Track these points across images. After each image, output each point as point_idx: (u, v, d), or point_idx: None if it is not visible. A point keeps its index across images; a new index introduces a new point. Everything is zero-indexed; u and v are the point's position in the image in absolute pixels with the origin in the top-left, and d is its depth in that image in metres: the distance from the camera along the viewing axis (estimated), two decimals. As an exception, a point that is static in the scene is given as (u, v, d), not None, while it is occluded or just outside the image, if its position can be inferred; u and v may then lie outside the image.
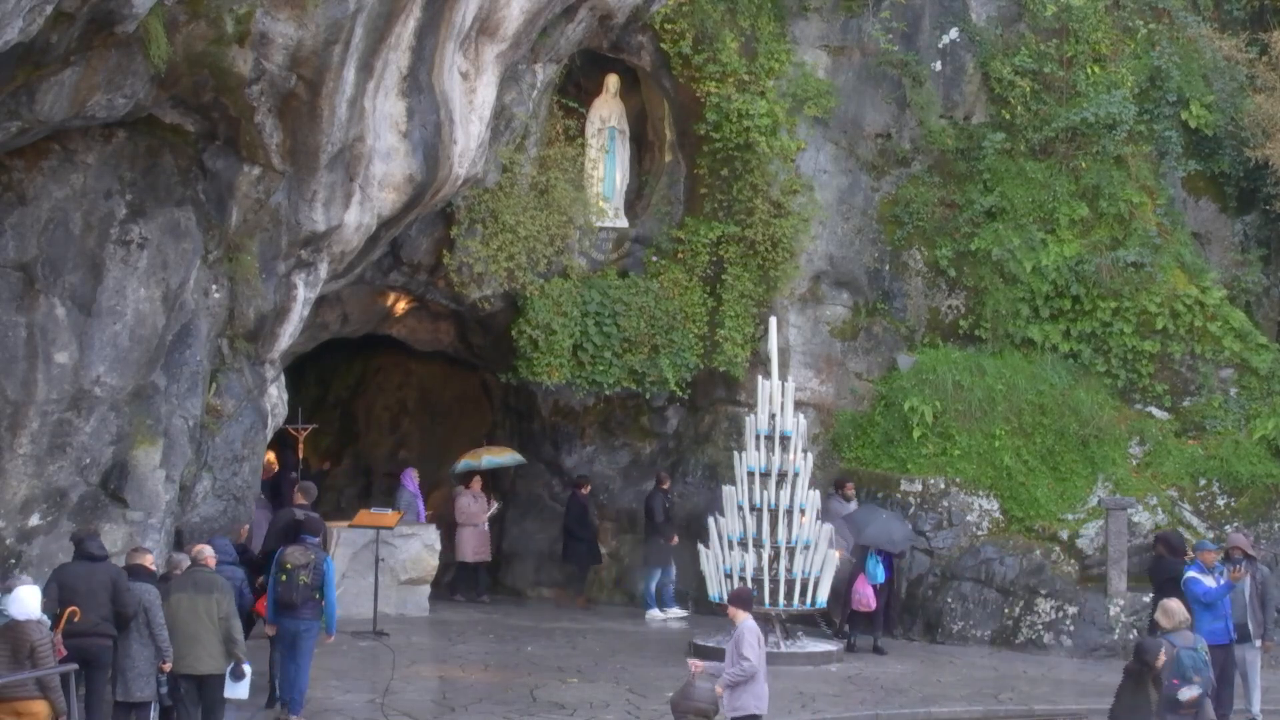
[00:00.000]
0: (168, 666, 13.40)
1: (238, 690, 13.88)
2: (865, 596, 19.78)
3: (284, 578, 14.84)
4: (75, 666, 12.32)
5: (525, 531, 23.61)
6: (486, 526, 22.63)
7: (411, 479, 22.26)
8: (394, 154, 16.73)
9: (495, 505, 22.78)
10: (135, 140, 15.16)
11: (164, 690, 13.73)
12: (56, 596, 12.86)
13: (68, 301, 14.76)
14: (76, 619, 12.77)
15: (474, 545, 22.45)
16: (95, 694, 13.24)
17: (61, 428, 14.63)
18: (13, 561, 14.18)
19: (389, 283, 21.16)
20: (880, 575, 19.86)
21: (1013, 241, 22.71)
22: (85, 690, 13.07)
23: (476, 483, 22.61)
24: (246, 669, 13.79)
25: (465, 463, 22.50)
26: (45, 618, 12.18)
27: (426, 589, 21.16)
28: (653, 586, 21.77)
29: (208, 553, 14.03)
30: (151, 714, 13.60)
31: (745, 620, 13.04)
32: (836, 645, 19.46)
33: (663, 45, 22.03)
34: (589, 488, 22.59)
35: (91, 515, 14.63)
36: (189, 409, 15.35)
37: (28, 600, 12.05)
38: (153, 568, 13.78)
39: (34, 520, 14.43)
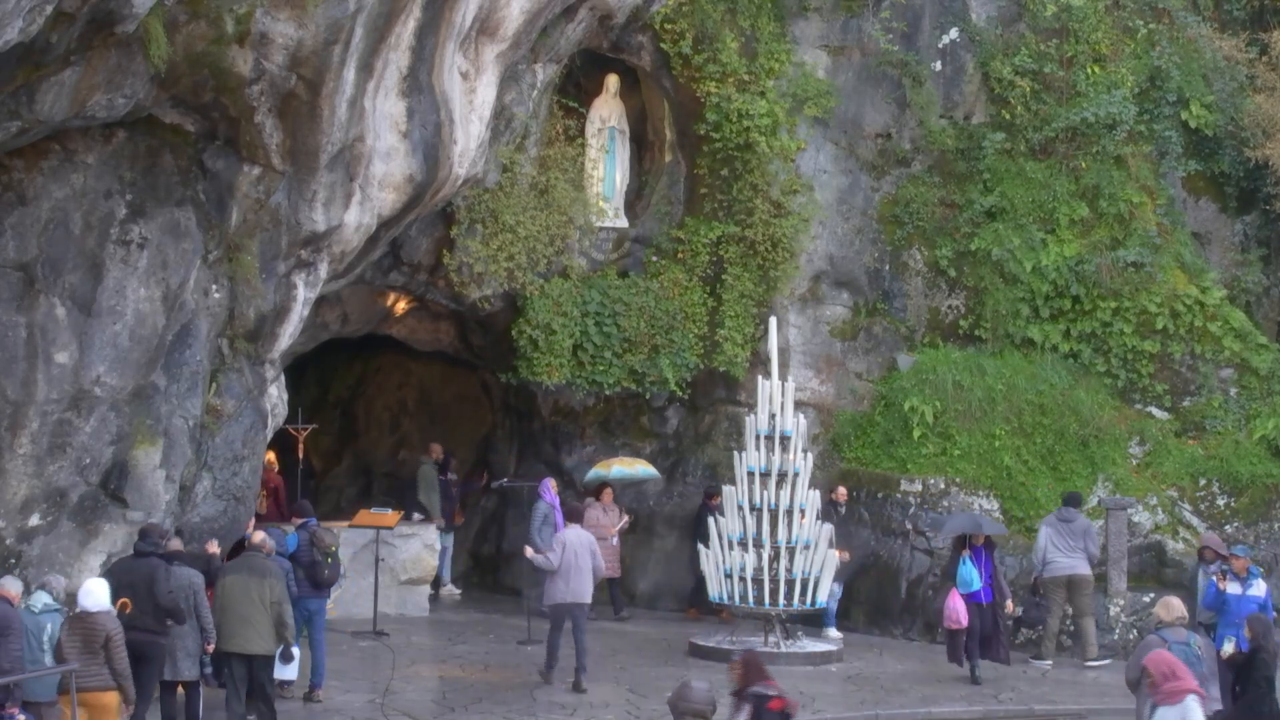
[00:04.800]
0: (211, 647, 14.08)
1: (287, 672, 14.93)
2: (956, 611, 17.87)
3: (329, 560, 15.95)
4: (75, 666, 12.41)
5: (524, 531, 23.55)
6: (617, 540, 21.56)
7: (549, 489, 21.42)
8: (394, 154, 16.73)
9: (626, 519, 21.76)
10: (135, 140, 15.16)
11: (208, 671, 14.51)
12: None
13: (68, 301, 14.76)
14: (127, 610, 13.17)
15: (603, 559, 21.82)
16: (144, 688, 13.52)
17: (61, 428, 14.63)
18: (13, 561, 14.18)
19: (389, 283, 21.16)
20: (975, 582, 17.92)
21: (1013, 241, 22.71)
22: (135, 684, 13.37)
23: (607, 495, 21.58)
24: (295, 651, 14.69)
25: (595, 472, 21.57)
26: (114, 610, 12.56)
27: (426, 589, 21.16)
28: (832, 604, 20.30)
29: (267, 541, 14.79)
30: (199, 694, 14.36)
31: (568, 529, 17.40)
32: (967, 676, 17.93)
33: (663, 45, 22.03)
34: (720, 498, 21.01)
35: (91, 515, 14.65)
36: (189, 409, 15.34)
37: (99, 592, 12.48)
38: (211, 550, 14.68)
39: (34, 520, 14.43)
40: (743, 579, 18.83)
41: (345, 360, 26.59)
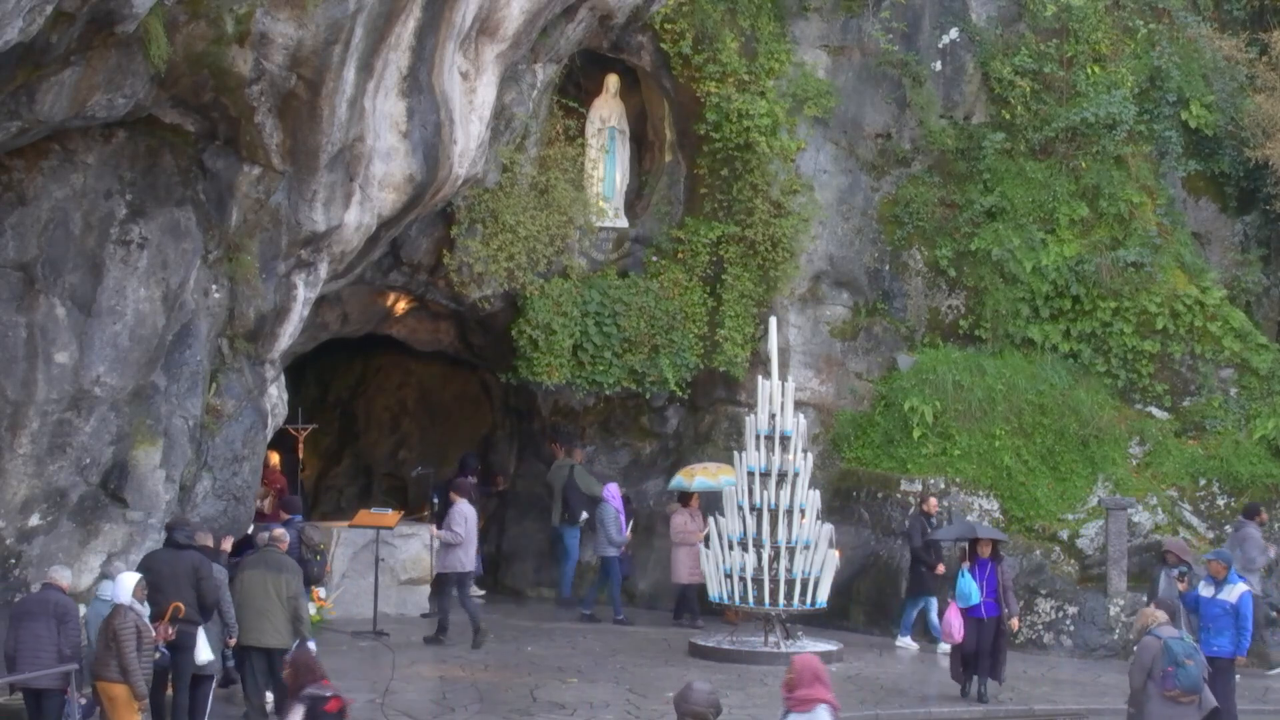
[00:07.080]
0: (233, 642, 14.36)
1: None
2: (950, 626, 17.19)
3: (318, 557, 16.36)
4: (76, 666, 12.58)
5: (525, 531, 23.58)
6: (704, 546, 20.79)
7: (614, 494, 21.32)
8: (394, 154, 16.73)
9: (708, 524, 21.15)
10: (135, 140, 15.16)
11: (230, 664, 14.88)
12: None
13: (68, 301, 14.77)
14: (180, 614, 13.47)
15: (689, 566, 20.88)
16: (181, 677, 13.84)
17: (61, 428, 14.63)
18: (12, 561, 14.19)
19: (389, 283, 21.16)
20: (974, 596, 17.07)
21: (1013, 241, 22.71)
22: (172, 673, 13.84)
23: (694, 501, 21.27)
24: (312, 645, 14.57)
25: (678, 481, 21.28)
26: (135, 604, 12.80)
27: (426, 589, 21.15)
28: (912, 615, 20.12)
29: (283, 536, 14.98)
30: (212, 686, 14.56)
31: (459, 504, 18.80)
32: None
33: (663, 45, 22.03)
34: (933, 502, 20.43)
35: (91, 515, 14.65)
36: (189, 409, 15.35)
37: (121, 585, 12.83)
38: (224, 547, 14.92)
39: (34, 520, 14.44)
40: (743, 579, 18.82)
41: (345, 360, 26.57)
